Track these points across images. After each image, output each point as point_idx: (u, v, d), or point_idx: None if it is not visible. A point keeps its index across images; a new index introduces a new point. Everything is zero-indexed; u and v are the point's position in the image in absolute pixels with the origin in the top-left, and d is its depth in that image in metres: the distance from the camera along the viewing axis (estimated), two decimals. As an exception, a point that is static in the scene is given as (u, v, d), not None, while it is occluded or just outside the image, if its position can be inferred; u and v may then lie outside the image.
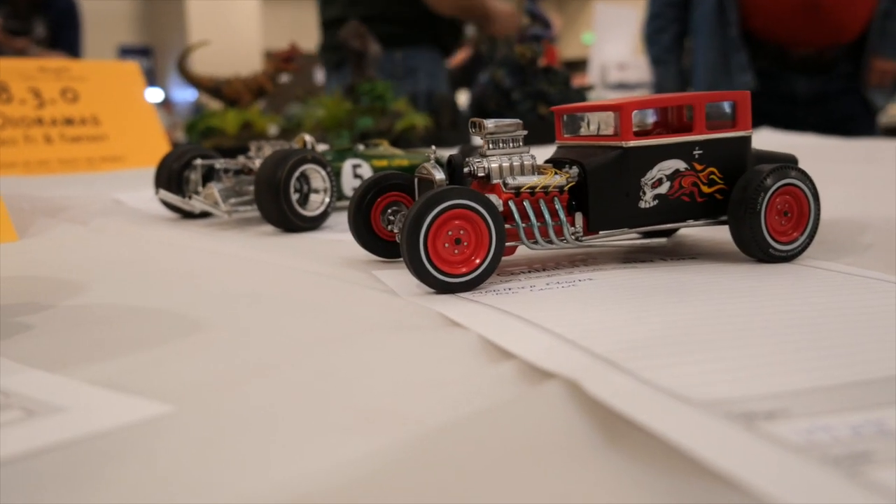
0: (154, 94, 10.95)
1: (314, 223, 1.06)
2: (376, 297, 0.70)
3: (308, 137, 1.20)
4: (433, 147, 0.78)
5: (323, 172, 1.07)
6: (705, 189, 0.79)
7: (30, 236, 1.05)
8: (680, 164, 0.78)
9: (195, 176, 1.18)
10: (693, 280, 0.71)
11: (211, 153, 1.22)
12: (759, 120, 2.99)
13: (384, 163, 1.28)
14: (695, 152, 0.78)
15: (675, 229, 0.86)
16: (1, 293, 0.74)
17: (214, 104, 2.83)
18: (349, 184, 1.22)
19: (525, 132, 0.77)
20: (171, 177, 1.18)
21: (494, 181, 0.75)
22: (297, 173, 1.03)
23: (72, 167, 2.10)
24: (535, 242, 0.74)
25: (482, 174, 0.75)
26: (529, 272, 0.76)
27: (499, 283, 0.71)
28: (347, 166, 1.22)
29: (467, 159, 0.76)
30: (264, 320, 0.65)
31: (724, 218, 0.79)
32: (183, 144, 1.23)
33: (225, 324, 0.64)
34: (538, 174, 0.76)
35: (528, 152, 0.77)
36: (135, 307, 0.70)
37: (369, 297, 0.70)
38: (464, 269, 0.68)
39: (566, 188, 0.76)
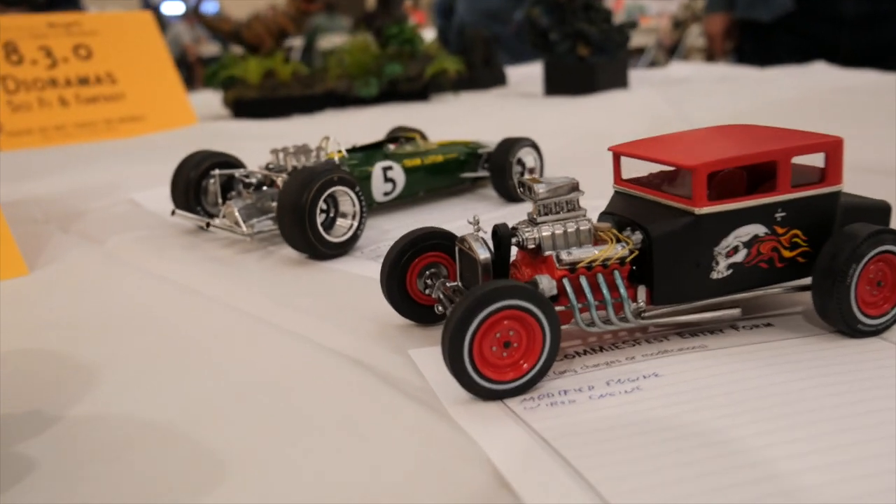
0: (174, 7, 10.69)
1: (342, 249, 0.98)
2: (412, 415, 0.60)
3: (335, 147, 1.10)
4: (476, 217, 0.68)
5: (352, 194, 0.98)
6: (786, 254, 0.69)
7: (40, 267, 0.98)
8: (759, 229, 0.68)
9: (214, 187, 1.09)
10: (781, 369, 0.62)
11: (229, 158, 1.13)
12: (801, 43, 2.84)
13: (417, 162, 1.18)
14: (777, 215, 0.68)
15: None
16: (2, 384, 0.68)
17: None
18: (380, 189, 1.13)
19: (581, 193, 0.67)
20: (189, 187, 1.10)
21: (546, 253, 0.66)
22: (323, 197, 0.95)
23: (90, 132, 2.02)
24: (592, 325, 0.65)
25: (532, 246, 0.66)
26: (585, 353, 0.67)
27: (553, 380, 0.63)
28: (377, 170, 1.13)
29: (515, 227, 0.67)
30: (281, 459, 0.58)
31: (805, 282, 0.70)
32: (199, 152, 1.13)
33: (247, 465, 0.57)
34: (596, 244, 0.67)
35: (584, 216, 0.67)
36: (149, 421, 0.62)
37: (404, 412, 0.61)
38: (511, 375, 0.60)
39: (628, 260, 0.67)
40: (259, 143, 1.34)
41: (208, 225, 1.00)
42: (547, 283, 0.64)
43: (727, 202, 0.66)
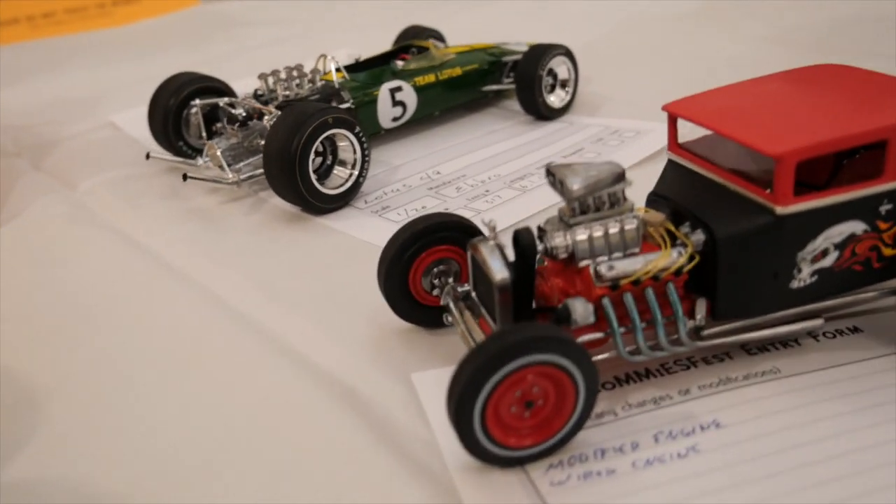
0: None
1: (341, 201, 0.84)
2: (406, 480, 0.49)
3: (334, 65, 0.93)
4: (492, 221, 0.53)
5: (352, 137, 0.83)
6: (887, 251, 0.54)
7: (4, 223, 0.86)
8: (858, 227, 0.52)
9: (196, 119, 0.94)
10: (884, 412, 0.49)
11: (213, 83, 0.97)
12: None
13: (430, 79, 1.01)
14: (882, 208, 0.52)
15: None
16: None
17: None
18: (388, 114, 0.97)
19: (628, 183, 0.52)
20: (168, 117, 0.95)
21: (582, 263, 0.52)
22: (314, 145, 0.80)
23: (81, 18, 1.84)
24: (637, 353, 0.52)
25: (564, 255, 0.52)
26: (628, 380, 0.55)
27: (587, 428, 0.50)
28: (384, 93, 0.96)
29: (543, 230, 0.53)
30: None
31: (906, 286, 0.55)
32: (178, 76, 0.98)
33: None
34: (646, 248, 0.52)
35: (630, 211, 0.53)
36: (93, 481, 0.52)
37: (396, 477, 0.49)
38: (529, 441, 0.48)
39: (686, 269, 0.52)
40: (265, 32, 1.18)
41: (186, 177, 0.86)
42: (582, 311, 0.50)
43: (818, 197, 0.51)
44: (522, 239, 0.52)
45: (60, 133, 1.11)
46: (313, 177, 0.80)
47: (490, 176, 0.90)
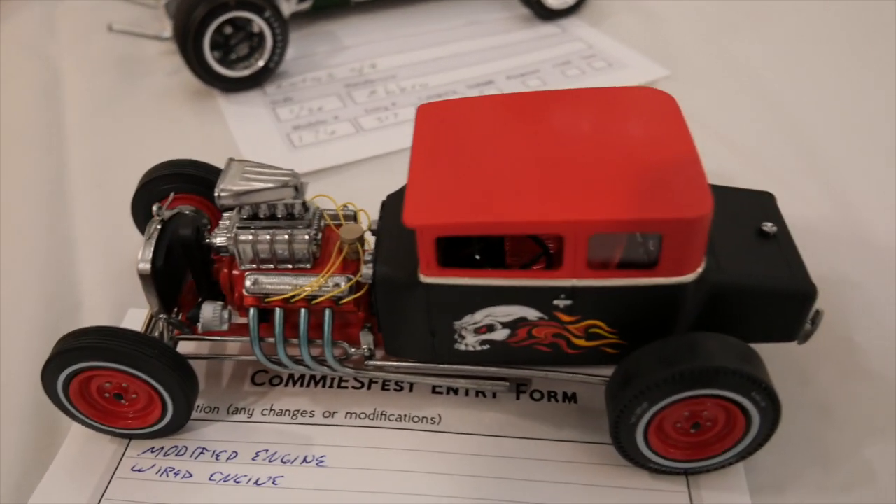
0: None
1: (244, 85, 0.82)
2: None
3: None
4: (161, 208, 0.51)
5: (261, 21, 0.79)
6: (580, 342, 0.47)
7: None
8: (529, 312, 0.45)
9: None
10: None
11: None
12: None
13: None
14: (558, 301, 0.45)
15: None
16: None
17: None
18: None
19: (300, 196, 0.48)
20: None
21: (245, 266, 0.50)
22: (212, 26, 0.77)
23: None
24: (280, 364, 0.51)
25: (228, 255, 0.50)
26: (293, 385, 0.54)
27: (204, 426, 0.51)
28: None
29: (217, 227, 0.50)
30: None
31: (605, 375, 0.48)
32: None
33: None
34: (317, 268, 0.49)
35: (305, 228, 0.48)
36: None
37: None
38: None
39: (344, 301, 0.49)
40: None
41: (111, 28, 0.88)
42: (209, 316, 0.49)
43: (468, 275, 0.44)
44: (179, 235, 0.50)
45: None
46: (210, 57, 0.79)
47: (425, 82, 0.83)
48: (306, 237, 0.48)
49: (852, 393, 0.52)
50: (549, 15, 0.93)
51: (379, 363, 0.51)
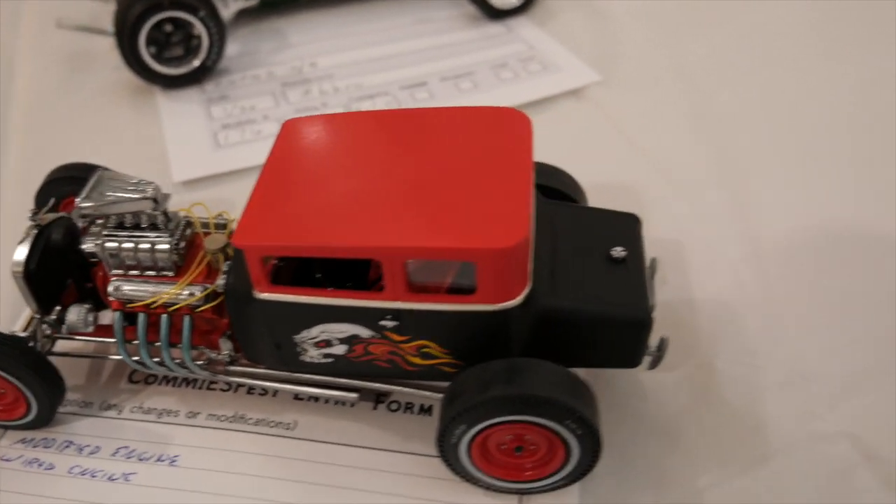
0: None
1: (182, 83, 0.84)
2: None
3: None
4: (40, 216, 0.53)
5: (195, 21, 0.80)
6: (417, 360, 0.48)
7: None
8: (360, 330, 0.47)
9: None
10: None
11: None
12: None
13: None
14: (385, 322, 0.46)
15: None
16: None
17: None
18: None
19: (161, 208, 0.50)
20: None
21: (113, 272, 0.52)
22: (147, 26, 0.79)
23: None
24: (143, 364, 0.53)
25: (95, 260, 0.53)
26: (161, 384, 0.56)
27: (77, 420, 0.54)
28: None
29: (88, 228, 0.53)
30: None
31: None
32: None
33: None
34: (180, 275, 0.51)
35: (166, 234, 0.50)
36: None
37: None
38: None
39: (202, 309, 0.51)
40: None
41: (58, 24, 0.90)
42: (74, 319, 0.52)
43: (298, 292, 0.46)
44: (50, 236, 0.52)
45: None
46: (147, 56, 0.81)
47: (360, 82, 0.84)
48: (167, 246, 0.50)
49: (703, 420, 0.52)
50: (496, 14, 0.93)
51: (239, 368, 0.53)
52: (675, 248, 0.63)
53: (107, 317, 0.54)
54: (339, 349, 0.48)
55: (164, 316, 0.51)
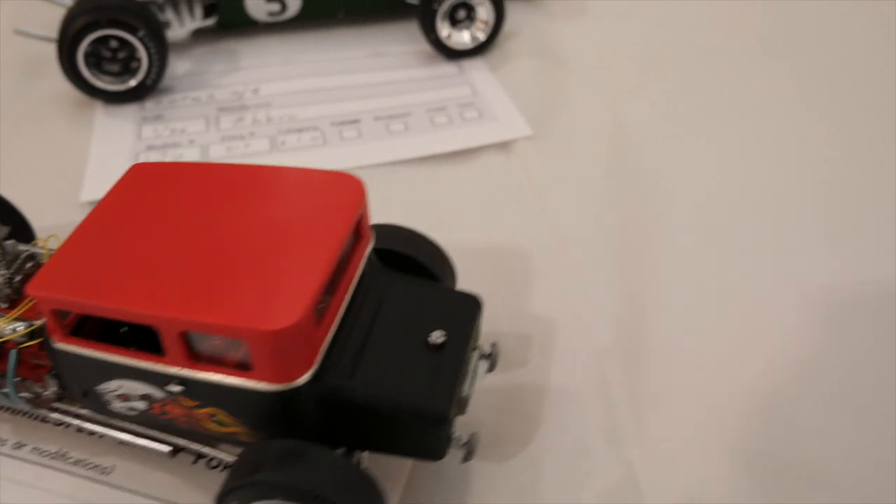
0: None
1: (122, 99, 0.84)
2: None
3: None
4: None
5: (134, 40, 0.81)
6: (211, 426, 0.47)
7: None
8: (152, 390, 0.46)
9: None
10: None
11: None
12: None
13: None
14: (171, 387, 0.45)
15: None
16: None
17: None
18: (261, 7, 0.91)
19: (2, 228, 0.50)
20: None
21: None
22: (86, 42, 0.80)
23: None
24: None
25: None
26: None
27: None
28: (255, -16, 0.90)
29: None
30: None
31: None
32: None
33: None
34: (13, 307, 0.51)
35: (2, 267, 0.51)
36: None
37: None
38: None
39: (27, 345, 0.51)
40: None
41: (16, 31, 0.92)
42: None
43: (92, 347, 0.45)
44: None
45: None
46: (84, 68, 0.82)
47: (293, 114, 0.83)
48: (0, 280, 0.51)
49: None
50: (451, 54, 0.91)
51: (64, 406, 0.53)
52: (549, 327, 0.61)
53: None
54: (139, 405, 0.48)
55: (-7, 347, 0.52)
